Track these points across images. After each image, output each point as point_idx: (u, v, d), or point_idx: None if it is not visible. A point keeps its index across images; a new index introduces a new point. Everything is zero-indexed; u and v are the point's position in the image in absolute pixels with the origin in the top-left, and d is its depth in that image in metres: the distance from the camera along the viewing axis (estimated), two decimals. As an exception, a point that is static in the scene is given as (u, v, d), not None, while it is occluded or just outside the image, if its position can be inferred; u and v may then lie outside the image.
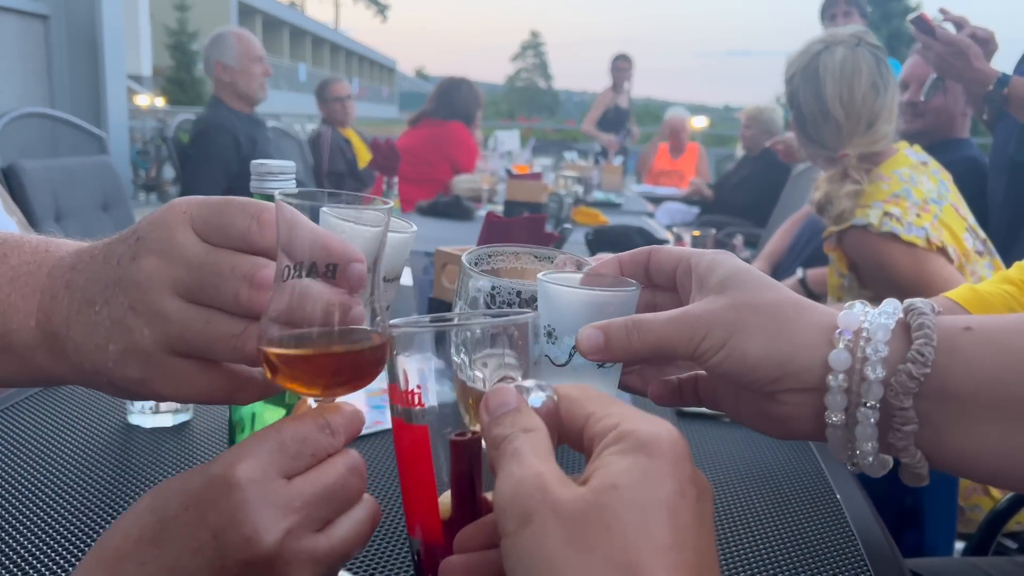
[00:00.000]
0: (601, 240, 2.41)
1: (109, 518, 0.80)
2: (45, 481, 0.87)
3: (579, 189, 3.92)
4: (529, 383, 0.44)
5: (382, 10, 73.42)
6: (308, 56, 41.30)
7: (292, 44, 38.67)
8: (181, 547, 0.45)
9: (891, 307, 0.55)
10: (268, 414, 0.77)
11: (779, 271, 2.86)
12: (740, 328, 0.54)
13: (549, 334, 0.60)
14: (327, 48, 45.05)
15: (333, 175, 5.05)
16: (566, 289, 0.60)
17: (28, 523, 0.78)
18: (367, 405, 1.15)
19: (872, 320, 0.54)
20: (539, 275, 0.62)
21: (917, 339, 0.51)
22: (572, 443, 0.43)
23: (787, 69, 1.94)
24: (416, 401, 0.48)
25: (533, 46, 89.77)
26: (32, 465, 0.90)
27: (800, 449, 1.07)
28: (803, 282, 2.55)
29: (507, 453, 0.40)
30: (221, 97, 3.56)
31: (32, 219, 2.35)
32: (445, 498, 0.48)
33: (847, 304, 0.56)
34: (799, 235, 2.97)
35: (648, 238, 2.42)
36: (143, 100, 13.12)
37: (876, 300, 0.56)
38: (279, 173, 0.75)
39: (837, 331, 0.53)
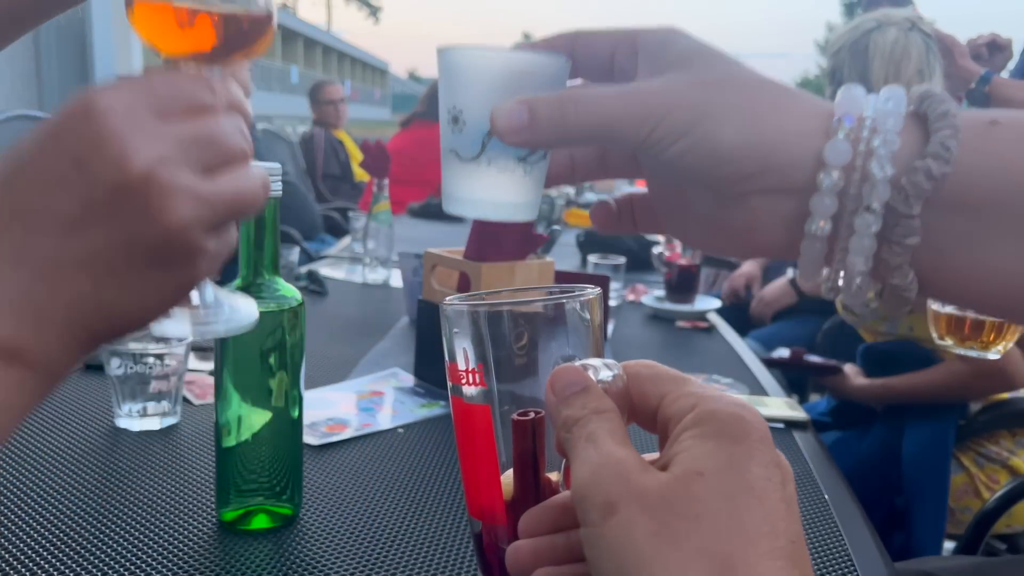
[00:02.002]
0: (592, 241, 2.41)
1: (96, 521, 0.79)
2: (31, 484, 0.86)
3: (570, 191, 3.92)
4: (596, 361, 0.42)
5: (374, 12, 73.38)
6: (300, 58, 41.22)
7: (284, 46, 38.59)
8: (39, 185, 0.39)
9: (896, 93, 0.44)
10: (255, 416, 0.77)
11: (769, 271, 2.86)
12: (710, 110, 0.43)
13: (455, 119, 0.47)
14: (319, 50, 44.98)
15: (328, 177, 5.06)
16: (477, 53, 0.47)
17: (14, 527, 0.77)
18: (357, 407, 1.14)
19: (877, 107, 0.43)
20: (438, 46, 0.48)
21: (940, 130, 0.41)
22: (643, 424, 0.41)
23: (832, 43, 1.91)
24: (476, 380, 0.46)
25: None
26: (18, 468, 0.90)
27: (787, 448, 1.07)
28: (793, 283, 2.56)
29: (581, 437, 0.38)
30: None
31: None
32: (507, 478, 0.46)
33: (843, 87, 0.46)
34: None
35: (639, 239, 2.42)
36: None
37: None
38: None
39: (835, 117, 0.43)
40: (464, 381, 0.47)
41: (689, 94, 0.43)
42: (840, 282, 0.45)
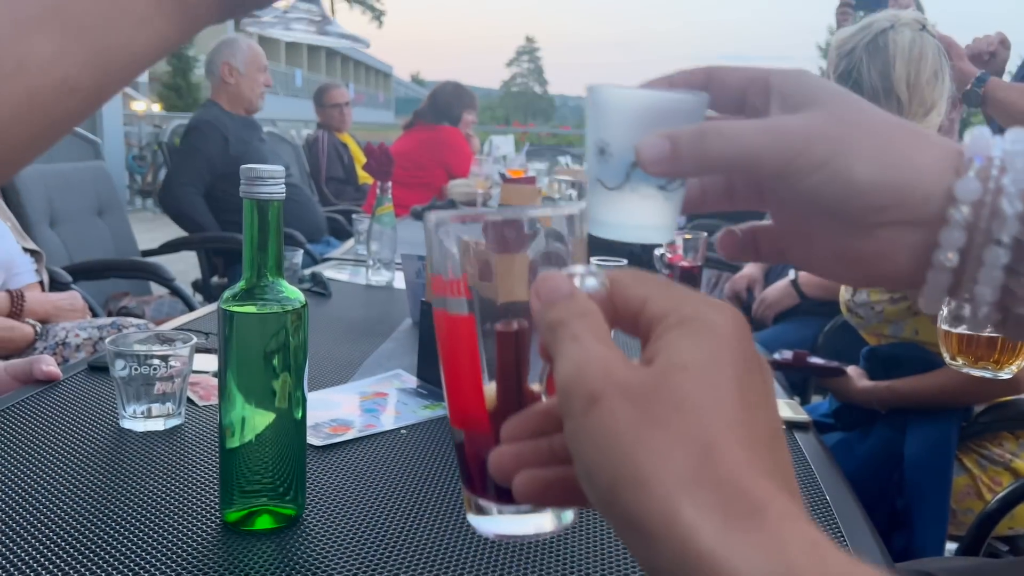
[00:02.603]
0: (593, 243, 2.41)
1: (101, 522, 0.80)
2: (37, 486, 0.87)
3: (573, 193, 3.92)
4: (579, 268, 0.42)
5: (378, 16, 73.44)
6: (304, 62, 41.29)
7: (288, 50, 38.65)
8: None
9: (1022, 135, 0.47)
10: (259, 418, 0.78)
11: (770, 273, 2.86)
12: (847, 146, 0.47)
13: (601, 151, 0.52)
14: (323, 54, 45.03)
15: (332, 180, 5.07)
16: (625, 93, 0.52)
17: (20, 528, 0.78)
18: (360, 409, 1.15)
19: (1005, 148, 0.46)
20: (588, 84, 0.53)
21: None
22: (626, 328, 0.41)
23: (842, 43, 1.90)
24: (460, 291, 0.46)
25: (528, 51, 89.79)
26: (25, 469, 0.90)
27: (789, 450, 1.07)
28: (794, 284, 2.56)
29: (565, 338, 0.39)
30: (217, 99, 3.54)
31: (26, 223, 2.35)
32: (489, 390, 0.47)
33: (968, 130, 0.50)
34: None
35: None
36: (139, 106, 13.12)
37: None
38: (269, 178, 0.75)
39: (966, 157, 0.46)
40: (448, 292, 0.47)
41: (827, 130, 0.47)
42: (965, 311, 0.48)
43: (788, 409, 1.24)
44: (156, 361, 1.03)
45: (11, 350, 1.82)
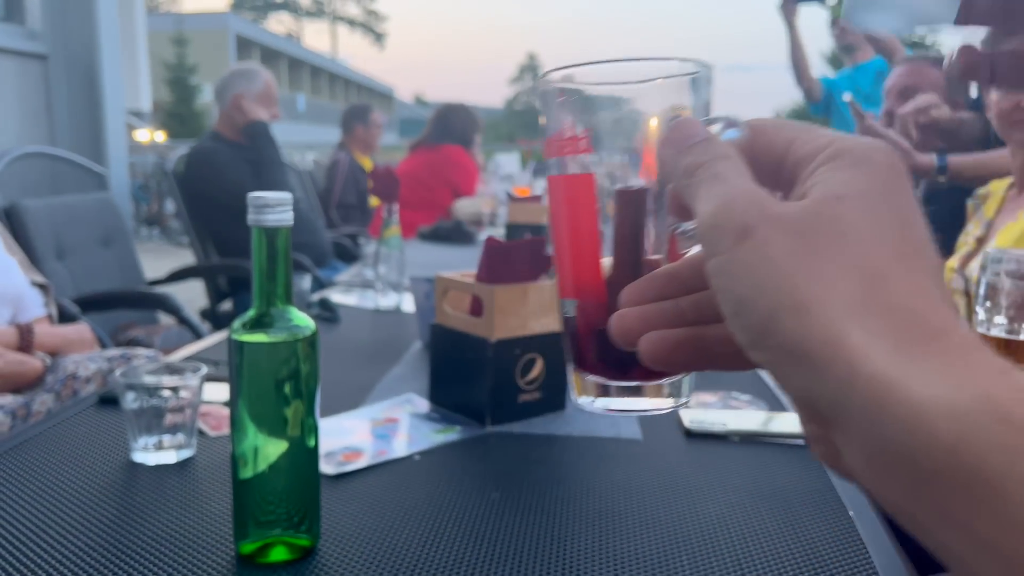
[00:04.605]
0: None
1: (114, 557, 0.79)
2: (50, 522, 0.86)
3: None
4: (715, 116, 0.39)
5: (379, 38, 73.94)
6: (307, 86, 41.53)
7: (290, 75, 38.91)
8: None
9: None
10: (271, 447, 0.77)
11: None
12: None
13: None
14: (325, 77, 45.33)
15: (342, 205, 5.01)
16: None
17: (34, 566, 0.77)
18: (372, 435, 1.14)
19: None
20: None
21: None
22: (766, 179, 0.37)
23: None
24: (581, 147, 0.43)
25: (531, 68, 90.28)
26: (37, 505, 0.90)
27: (807, 465, 1.06)
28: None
29: (706, 178, 0.36)
30: (221, 131, 3.50)
31: (34, 257, 2.35)
32: (604, 262, 0.45)
33: None
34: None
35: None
36: (143, 135, 13.19)
37: None
38: (276, 205, 0.74)
39: None
40: (567, 150, 0.44)
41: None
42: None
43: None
44: (166, 392, 1.02)
45: (21, 384, 1.81)
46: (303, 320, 0.78)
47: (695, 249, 0.41)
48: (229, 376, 0.78)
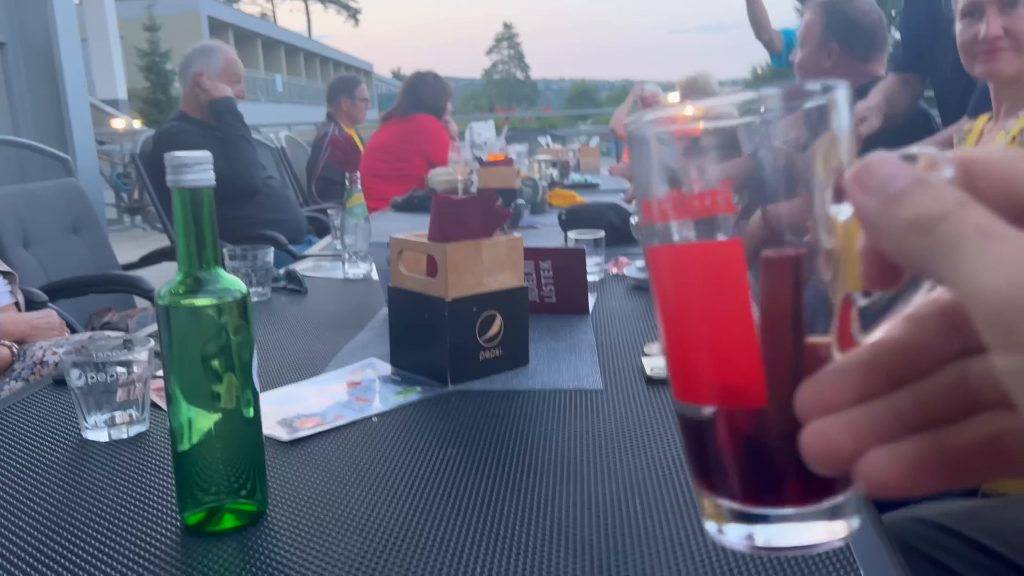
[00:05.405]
0: (573, 219, 2.39)
1: (59, 536, 0.78)
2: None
3: (554, 172, 3.89)
4: (917, 148, 0.30)
5: (353, 14, 73.19)
6: (283, 66, 41.12)
7: (266, 56, 38.49)
8: None
9: None
10: (203, 419, 0.75)
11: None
12: None
13: None
14: (301, 56, 44.87)
15: (321, 179, 4.90)
16: None
17: (-28, 547, 0.76)
18: (330, 400, 1.12)
19: None
20: None
21: None
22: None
23: None
24: (722, 205, 0.33)
25: (507, 38, 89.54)
26: (-19, 489, 0.88)
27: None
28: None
29: (965, 234, 0.26)
30: (187, 111, 3.45)
31: (-2, 246, 2.32)
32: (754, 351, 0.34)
33: None
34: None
35: (621, 214, 2.40)
36: (119, 123, 13.05)
37: None
38: (195, 164, 0.72)
39: None
40: (698, 212, 0.33)
41: None
42: None
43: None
44: (115, 368, 1.00)
45: (-11, 373, 1.79)
46: (233, 283, 0.75)
47: (883, 328, 0.33)
48: (161, 349, 0.76)
